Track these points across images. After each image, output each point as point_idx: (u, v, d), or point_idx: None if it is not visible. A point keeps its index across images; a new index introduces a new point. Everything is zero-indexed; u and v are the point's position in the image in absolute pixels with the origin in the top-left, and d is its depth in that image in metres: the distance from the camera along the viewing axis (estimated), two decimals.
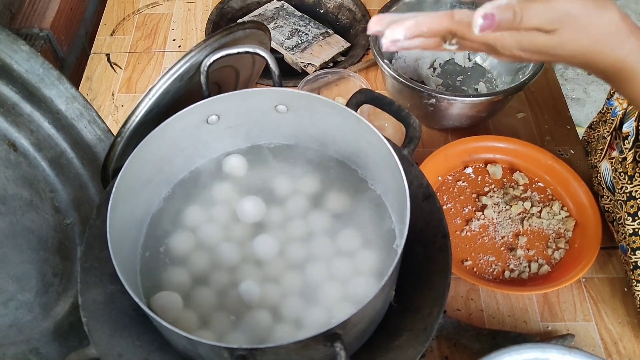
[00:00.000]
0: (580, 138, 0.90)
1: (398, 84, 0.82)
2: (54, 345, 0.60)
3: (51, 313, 0.62)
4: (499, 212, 0.79)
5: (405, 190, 0.50)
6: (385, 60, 0.83)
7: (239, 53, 0.60)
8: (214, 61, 0.59)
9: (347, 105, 0.60)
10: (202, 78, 0.60)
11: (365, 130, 0.56)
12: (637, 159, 0.67)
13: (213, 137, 0.62)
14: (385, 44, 0.48)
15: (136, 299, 0.45)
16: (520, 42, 0.47)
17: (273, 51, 0.98)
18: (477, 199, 0.81)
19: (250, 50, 0.60)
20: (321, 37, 1.01)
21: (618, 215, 0.71)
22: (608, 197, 0.76)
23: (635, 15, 2.23)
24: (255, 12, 1.06)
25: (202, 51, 0.59)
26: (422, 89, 0.80)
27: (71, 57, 1.02)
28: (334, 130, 0.60)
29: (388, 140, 0.55)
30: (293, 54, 0.99)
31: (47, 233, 0.65)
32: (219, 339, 0.52)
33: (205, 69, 0.59)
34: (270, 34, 0.69)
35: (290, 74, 0.99)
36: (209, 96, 0.58)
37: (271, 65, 0.61)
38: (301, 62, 0.98)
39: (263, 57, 0.61)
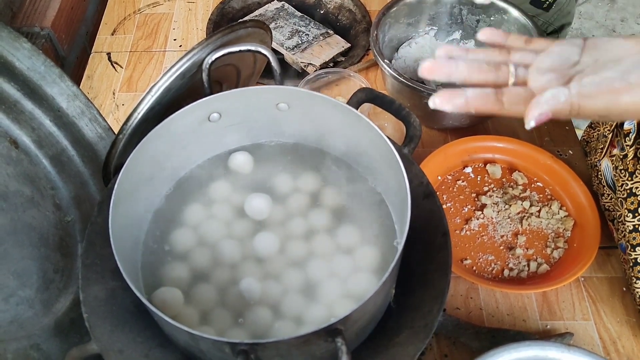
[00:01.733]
0: (580, 139, 0.91)
1: (398, 83, 0.82)
2: (55, 341, 0.60)
3: (52, 309, 0.62)
4: (498, 212, 0.79)
5: (406, 188, 0.51)
6: (385, 60, 0.83)
7: (240, 51, 0.60)
8: (216, 59, 0.60)
9: (347, 103, 0.61)
10: (204, 76, 0.60)
11: (366, 129, 0.56)
12: (638, 155, 0.67)
13: (214, 134, 0.62)
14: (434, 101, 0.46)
15: (138, 294, 0.45)
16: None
17: (273, 51, 0.99)
18: (476, 199, 0.81)
19: (252, 48, 0.60)
20: (321, 38, 1.02)
21: (618, 213, 0.71)
22: (609, 195, 0.76)
23: (632, 19, 2.25)
24: (256, 13, 1.07)
25: (204, 49, 0.59)
26: (422, 89, 0.80)
27: (72, 56, 1.03)
28: (334, 129, 0.61)
29: (389, 138, 0.55)
30: (293, 54, 0.99)
31: (48, 230, 0.65)
32: (220, 334, 0.52)
33: (207, 66, 0.59)
34: (271, 33, 0.69)
35: (290, 74, 0.99)
36: (211, 94, 0.59)
37: (273, 64, 0.62)
38: (301, 62, 0.98)
39: (265, 56, 0.61)
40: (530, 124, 0.42)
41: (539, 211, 0.79)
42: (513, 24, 0.90)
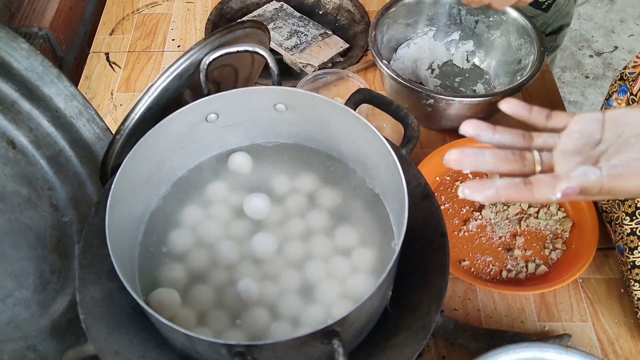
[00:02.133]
0: None
1: (396, 84, 0.82)
2: (52, 342, 0.60)
3: (49, 310, 0.62)
4: (496, 213, 0.79)
5: (403, 189, 0.51)
6: (384, 61, 0.83)
7: (238, 52, 0.60)
8: (214, 60, 0.59)
9: (345, 104, 0.61)
10: (202, 76, 0.60)
11: (364, 129, 0.56)
12: None
13: (212, 135, 0.62)
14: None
15: (134, 296, 0.45)
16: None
17: (272, 51, 0.98)
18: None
19: (250, 49, 0.60)
20: (320, 38, 1.02)
21: (616, 215, 0.71)
22: None
23: (632, 20, 2.25)
24: (255, 13, 1.06)
25: (202, 49, 0.59)
26: (420, 90, 0.80)
27: (70, 57, 1.02)
28: (332, 130, 0.61)
29: (386, 139, 0.55)
30: (292, 55, 0.99)
31: (45, 230, 0.65)
32: (217, 336, 0.52)
33: (205, 67, 0.59)
34: (269, 33, 0.69)
35: (288, 75, 0.99)
36: (209, 94, 0.58)
37: (270, 64, 0.62)
38: (300, 63, 0.98)
39: (262, 56, 0.61)
40: (556, 195, 0.42)
41: (537, 212, 0.79)
42: (512, 25, 0.90)
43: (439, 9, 0.94)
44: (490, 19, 0.92)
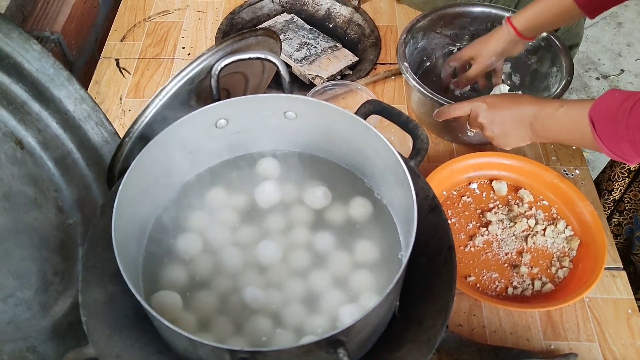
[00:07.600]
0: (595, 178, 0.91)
1: (423, 97, 0.82)
2: (52, 344, 0.59)
3: (50, 312, 0.61)
4: (503, 229, 0.78)
5: (413, 200, 0.50)
6: (416, 78, 0.83)
7: (250, 58, 0.60)
8: (225, 66, 0.59)
9: (355, 114, 0.60)
10: (213, 82, 0.60)
11: (373, 139, 0.56)
12: None
13: (221, 141, 0.62)
14: None
15: (139, 298, 0.45)
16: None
17: None
18: (481, 215, 0.80)
19: (262, 56, 0.60)
20: (330, 51, 1.02)
21: None
22: None
23: (639, 44, 2.25)
24: (265, 24, 1.07)
25: (214, 55, 0.59)
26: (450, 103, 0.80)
27: (80, 61, 1.03)
28: (342, 139, 0.60)
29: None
30: (301, 66, 0.99)
31: (49, 232, 0.65)
32: (219, 342, 0.51)
33: (217, 73, 0.59)
34: (281, 42, 0.69)
35: (297, 86, 0.99)
36: (219, 100, 0.58)
37: (282, 72, 0.62)
38: (309, 74, 0.98)
39: (274, 63, 0.61)
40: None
41: (545, 230, 0.78)
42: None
43: (454, 24, 0.95)
44: None
